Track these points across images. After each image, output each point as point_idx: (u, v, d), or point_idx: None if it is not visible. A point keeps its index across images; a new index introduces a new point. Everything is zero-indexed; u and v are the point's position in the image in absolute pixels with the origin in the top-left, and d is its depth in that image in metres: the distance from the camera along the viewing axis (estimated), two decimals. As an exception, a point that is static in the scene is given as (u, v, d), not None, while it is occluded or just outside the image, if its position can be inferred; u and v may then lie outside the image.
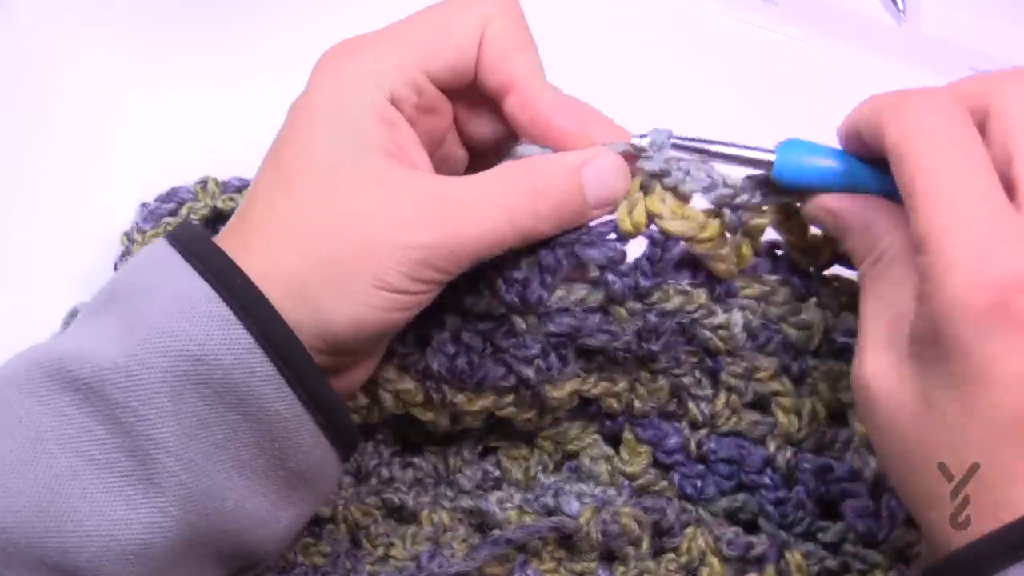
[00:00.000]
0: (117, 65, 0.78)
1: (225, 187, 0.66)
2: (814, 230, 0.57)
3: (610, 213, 0.55)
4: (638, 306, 0.57)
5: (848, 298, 0.58)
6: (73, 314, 0.64)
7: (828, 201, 0.52)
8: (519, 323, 0.57)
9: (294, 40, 0.77)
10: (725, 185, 0.54)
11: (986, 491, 0.45)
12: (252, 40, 0.79)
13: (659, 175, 0.55)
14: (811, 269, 0.58)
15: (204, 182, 0.66)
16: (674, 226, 0.54)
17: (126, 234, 0.66)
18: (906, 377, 0.47)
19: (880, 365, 0.48)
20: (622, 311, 0.57)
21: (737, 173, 0.55)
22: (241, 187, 0.66)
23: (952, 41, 0.79)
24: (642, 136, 0.54)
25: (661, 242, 0.56)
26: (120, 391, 0.48)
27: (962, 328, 0.44)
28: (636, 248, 0.57)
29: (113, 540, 0.48)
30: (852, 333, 0.57)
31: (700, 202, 0.56)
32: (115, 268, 0.65)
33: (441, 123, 0.56)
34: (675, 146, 0.54)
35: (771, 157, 0.53)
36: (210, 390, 0.48)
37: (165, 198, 0.66)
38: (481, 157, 0.59)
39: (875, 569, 0.57)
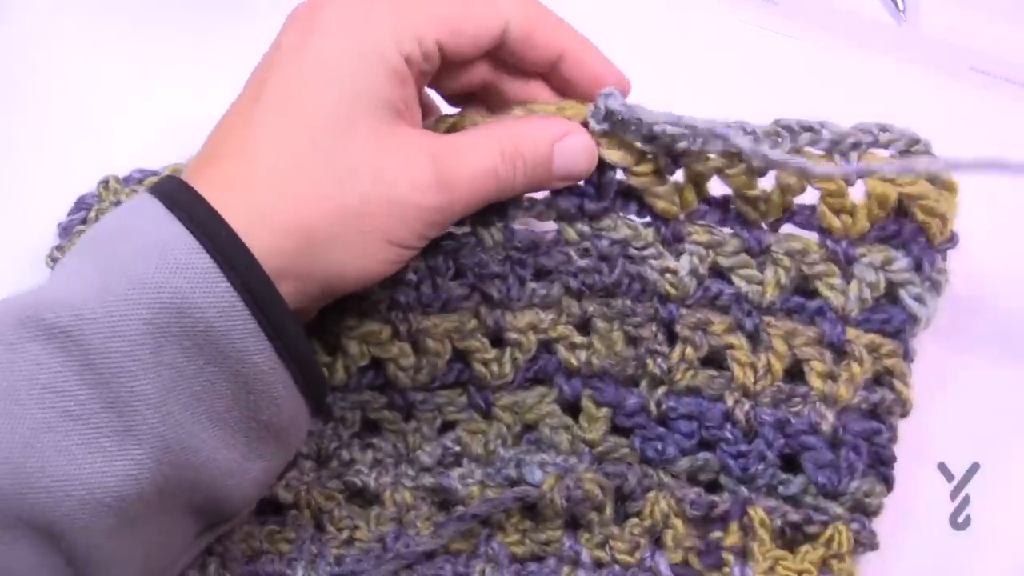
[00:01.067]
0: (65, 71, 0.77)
1: (127, 181, 0.65)
2: (762, 183, 0.59)
3: None
4: (587, 230, 0.60)
5: (801, 257, 0.60)
6: (53, 257, 0.65)
7: None
8: (486, 238, 0.59)
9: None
10: (665, 135, 0.57)
11: None
12: (228, 43, 0.77)
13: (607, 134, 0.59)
14: (763, 225, 0.60)
15: (105, 181, 0.65)
16: (609, 155, 0.59)
17: (49, 256, 0.65)
18: None
19: None
20: (571, 231, 0.60)
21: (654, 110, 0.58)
22: (143, 178, 0.66)
23: (952, 41, 0.78)
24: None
25: (602, 168, 0.59)
26: (101, 341, 0.48)
27: None
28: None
29: (89, 493, 0.47)
30: (807, 293, 0.60)
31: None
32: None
33: (427, 81, 0.58)
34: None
35: None
36: (191, 342, 0.49)
37: (74, 210, 0.66)
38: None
39: (836, 521, 0.58)
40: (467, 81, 0.59)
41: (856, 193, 0.60)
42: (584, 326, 0.62)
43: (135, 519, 0.49)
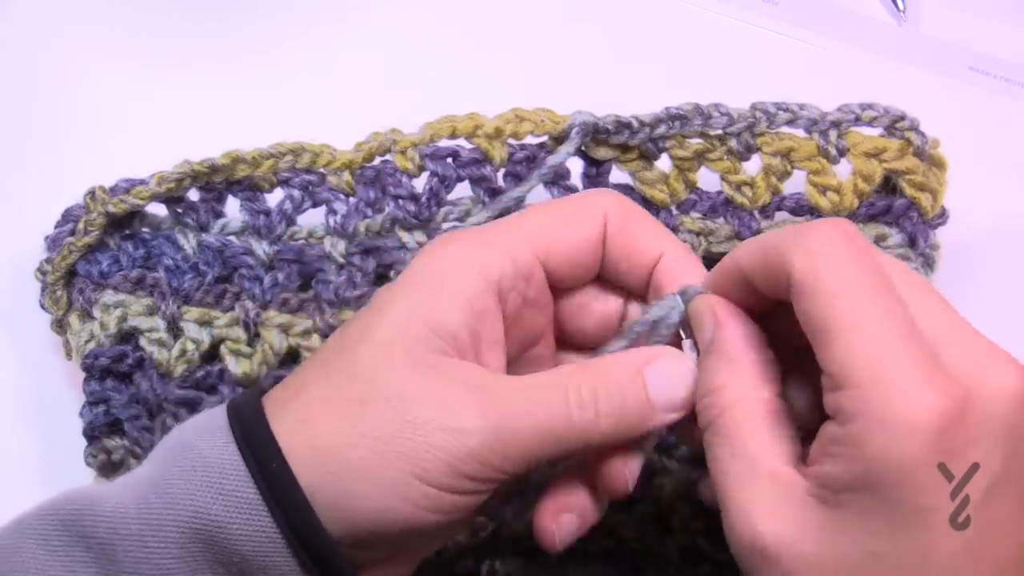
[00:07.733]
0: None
1: (113, 191, 0.64)
2: (746, 168, 0.64)
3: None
4: None
5: None
6: (43, 270, 0.65)
7: None
8: (407, 239, 0.64)
9: (285, 46, 0.80)
10: (640, 125, 0.62)
11: None
12: (231, 44, 0.80)
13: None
14: (754, 213, 0.64)
15: (92, 192, 0.64)
16: (597, 152, 0.64)
17: (38, 269, 0.65)
18: (825, 533, 0.44)
19: (782, 524, 0.45)
20: None
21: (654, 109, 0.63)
22: (129, 188, 0.64)
23: (952, 41, 0.81)
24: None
25: (596, 164, 0.65)
26: (132, 561, 0.47)
27: (911, 463, 0.42)
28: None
29: None
30: None
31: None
32: (41, 307, 0.66)
33: (541, 319, 0.55)
34: None
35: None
36: (224, 570, 0.48)
37: (61, 223, 0.65)
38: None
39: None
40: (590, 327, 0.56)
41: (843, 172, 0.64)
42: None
43: None
